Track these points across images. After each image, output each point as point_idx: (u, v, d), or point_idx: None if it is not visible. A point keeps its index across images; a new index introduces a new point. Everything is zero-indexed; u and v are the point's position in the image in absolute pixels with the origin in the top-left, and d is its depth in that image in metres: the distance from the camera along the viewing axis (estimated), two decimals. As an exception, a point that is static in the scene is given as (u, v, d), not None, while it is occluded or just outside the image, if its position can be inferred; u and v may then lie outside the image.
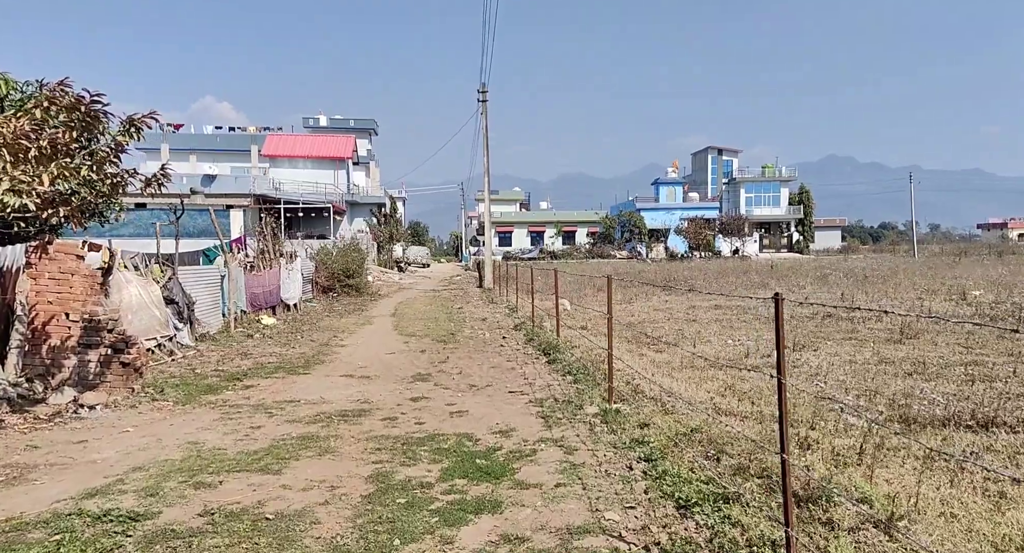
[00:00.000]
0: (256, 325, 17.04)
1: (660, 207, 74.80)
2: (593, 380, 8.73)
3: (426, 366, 11.03)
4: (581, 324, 15.18)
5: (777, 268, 39.66)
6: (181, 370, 10.67)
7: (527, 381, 9.35)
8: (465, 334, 15.29)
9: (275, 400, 8.46)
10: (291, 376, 10.21)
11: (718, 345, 12.33)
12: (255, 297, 18.25)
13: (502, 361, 11.23)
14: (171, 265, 13.50)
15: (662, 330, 14.79)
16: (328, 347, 13.46)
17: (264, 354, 12.46)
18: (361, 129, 66.27)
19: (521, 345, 12.96)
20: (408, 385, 9.43)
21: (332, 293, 27.08)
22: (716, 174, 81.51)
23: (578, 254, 70.83)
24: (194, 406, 8.20)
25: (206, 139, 56.98)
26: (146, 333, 11.70)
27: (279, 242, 21.65)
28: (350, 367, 11.04)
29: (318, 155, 51.15)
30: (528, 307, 19.89)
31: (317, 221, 47.14)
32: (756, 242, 73.87)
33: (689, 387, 8.35)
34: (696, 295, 23.87)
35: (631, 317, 17.70)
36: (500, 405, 8.02)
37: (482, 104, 30.13)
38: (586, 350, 11.11)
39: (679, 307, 20.57)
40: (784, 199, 75.98)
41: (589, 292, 26.45)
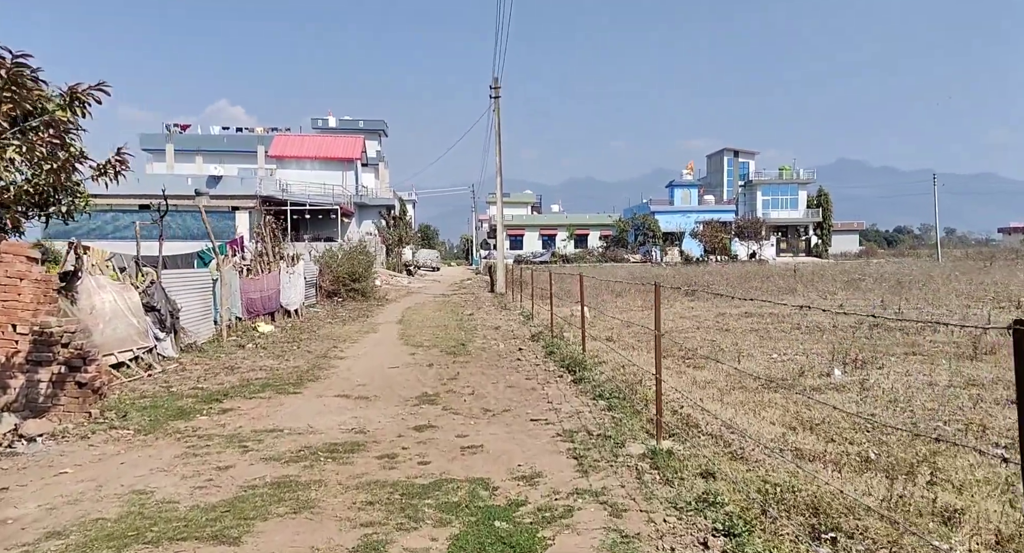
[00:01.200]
0: (251, 334, 15.77)
1: (675, 210, 73.24)
2: (631, 407, 7.36)
3: (434, 384, 9.71)
4: (605, 334, 13.81)
5: (800, 272, 38.11)
6: (155, 387, 9.39)
7: (551, 406, 7.99)
8: (477, 344, 13.96)
9: (254, 429, 7.15)
10: (278, 396, 8.90)
11: (763, 360, 10.93)
12: (252, 303, 17.02)
13: (520, 379, 9.88)
14: (153, 268, 12.25)
15: (694, 341, 13.40)
16: (326, 360, 12.16)
17: (253, 368, 11.17)
18: (370, 130, 65.21)
19: (540, 359, 11.60)
20: (412, 409, 8.11)
21: (337, 298, 25.83)
22: (732, 176, 79.76)
23: (591, 258, 69.40)
24: (157, 436, 6.90)
25: (213, 140, 56.05)
26: (121, 344, 10.45)
27: (279, 244, 20.42)
28: (347, 385, 9.73)
29: (326, 156, 50.05)
30: (545, 314, 18.53)
31: (324, 223, 46.02)
32: (773, 246, 72.15)
33: (746, 415, 6.98)
34: (723, 301, 22.46)
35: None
36: (521, 438, 6.67)
37: (494, 100, 28.83)
38: (617, 367, 9.74)
39: (706, 314, 19.15)
40: (802, 202, 74.22)
41: (608, 298, 25.06)
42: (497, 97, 28.81)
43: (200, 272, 14.70)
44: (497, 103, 28.79)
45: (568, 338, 12.89)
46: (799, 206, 74.31)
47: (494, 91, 28.77)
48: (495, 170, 29.07)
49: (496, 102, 28.78)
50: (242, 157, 52.86)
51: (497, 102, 28.78)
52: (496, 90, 28.75)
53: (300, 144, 51.29)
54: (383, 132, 68.12)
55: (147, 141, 55.12)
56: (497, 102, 28.78)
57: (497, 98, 28.79)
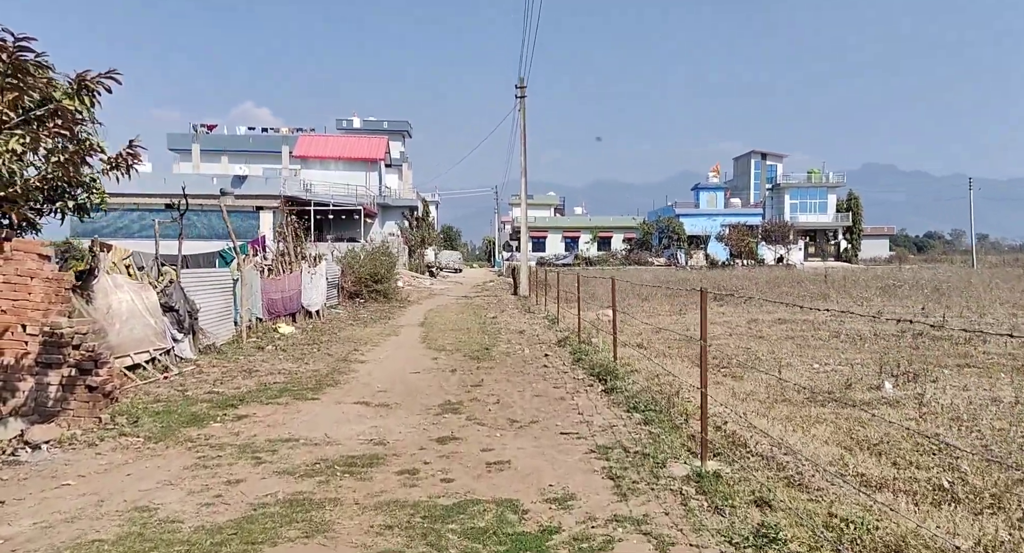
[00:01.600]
0: (271, 335, 15.50)
1: (700, 213, 72.21)
2: (670, 421, 6.86)
3: (457, 391, 9.28)
4: (635, 340, 13.30)
5: (831, 277, 37.12)
6: (170, 391, 9.08)
7: (582, 417, 7.51)
8: (501, 349, 13.52)
9: (268, 438, 6.78)
10: (296, 402, 8.54)
11: (803, 370, 10.35)
12: (272, 303, 16.76)
13: (548, 387, 9.42)
14: (172, 267, 12.00)
15: (728, 348, 12.84)
16: (346, 363, 11.80)
17: (272, 371, 10.84)
18: (394, 131, 65.20)
19: (568, 366, 11.12)
20: (434, 418, 7.69)
21: (359, 299, 25.58)
22: (759, 179, 78.48)
23: (614, 261, 68.65)
24: (168, 444, 6.55)
25: (238, 140, 56.36)
26: (137, 345, 10.18)
27: (302, 244, 20.18)
28: (367, 390, 9.35)
29: (350, 156, 50.02)
30: (570, 318, 18.04)
31: (347, 223, 45.95)
32: (801, 250, 70.79)
33: (795, 432, 6.44)
34: (754, 306, 21.79)
35: (687, 330, 15.75)
36: (552, 453, 6.21)
37: (520, 101, 28.41)
38: (651, 376, 9.23)
39: (737, 320, 18.53)
40: (831, 206, 72.77)
41: (634, 301, 24.48)
42: (523, 97, 28.39)
43: (220, 272, 14.46)
44: (522, 103, 28.37)
45: (597, 344, 12.39)
46: (828, 210, 72.86)
47: (519, 91, 28.35)
48: (519, 171, 28.66)
49: (521, 102, 28.36)
50: (267, 157, 53.06)
51: (522, 102, 28.36)
52: (522, 90, 28.33)
53: (324, 144, 51.33)
54: (407, 133, 68.09)
55: (174, 141, 55.59)
56: (522, 102, 28.36)
57: (523, 98, 28.37)
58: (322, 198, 44.31)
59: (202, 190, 44.47)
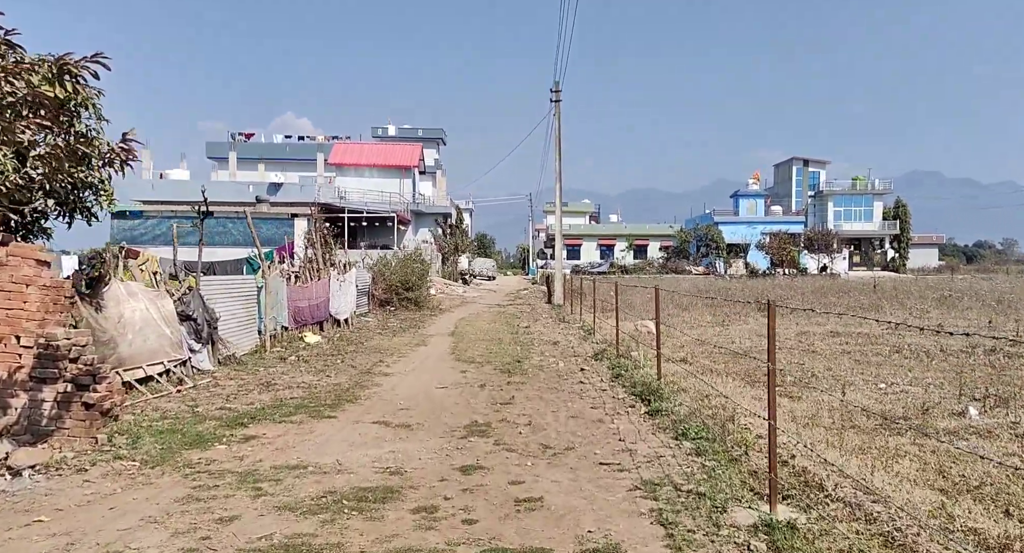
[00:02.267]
0: (296, 344, 14.98)
1: (740, 221, 70.44)
2: (725, 452, 5.99)
3: (485, 409, 8.53)
4: (677, 354, 12.38)
5: (881, 288, 35.44)
6: (180, 406, 8.52)
7: (624, 445, 6.68)
8: (534, 362, 12.73)
9: (274, 464, 6.11)
10: (310, 421, 7.87)
11: (868, 390, 9.35)
12: (299, 311, 16.26)
13: (584, 407, 8.60)
14: (191, 274, 11.52)
15: (779, 363, 11.85)
16: (369, 376, 11.14)
17: (290, 385, 10.24)
18: (429, 138, 65.09)
19: (606, 382, 10.28)
20: (459, 442, 6.94)
21: (389, 307, 25.07)
22: (801, 187, 76.30)
23: (650, 269, 67.28)
24: (165, 470, 5.93)
25: (275, 148, 56.80)
26: (151, 357, 9.67)
27: (331, 251, 19.71)
28: (388, 408, 8.65)
29: (384, 164, 49.90)
30: (606, 329, 17.17)
31: (381, 231, 45.73)
32: (845, 259, 68.44)
33: (873, 467, 5.52)
34: (801, 317, 20.61)
35: (732, 343, 14.77)
36: (590, 490, 5.40)
37: (555, 105, 27.68)
38: (699, 397, 8.34)
39: (786, 332, 17.41)
40: (877, 213, 70.30)
41: (673, 311, 23.45)
42: (558, 101, 27.66)
43: (243, 279, 13.98)
44: (558, 107, 27.64)
45: (636, 358, 11.51)
46: (874, 218, 70.39)
47: (554, 95, 27.63)
48: (553, 177, 27.90)
49: (556, 106, 27.63)
50: (303, 165, 53.27)
51: (557, 106, 27.63)
52: (556, 94, 27.61)
53: (359, 152, 51.32)
54: (441, 141, 67.94)
55: (212, 149, 56.26)
56: (557, 106, 27.63)
57: (557, 102, 27.63)
58: (356, 205, 44.17)
59: (239, 198, 44.78)
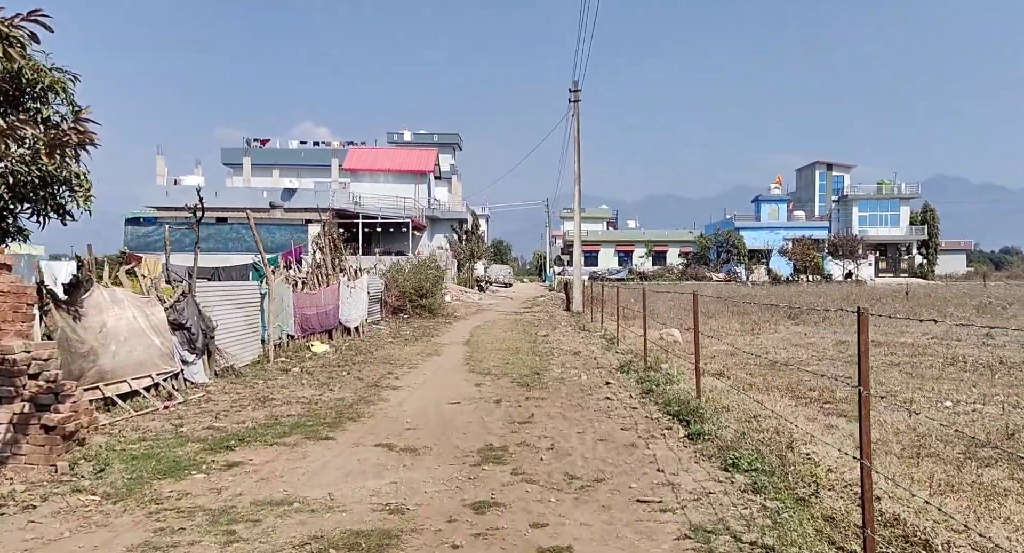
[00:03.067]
0: (302, 354, 14.18)
1: (761, 226, 69.00)
2: (789, 489, 5.02)
3: (501, 430, 7.62)
4: (710, 366, 11.37)
5: (913, 294, 34.08)
6: (164, 425, 7.70)
7: (664, 477, 5.74)
8: (554, 374, 11.80)
9: (256, 500, 5.24)
10: (305, 444, 7.01)
11: (932, 409, 8.32)
12: (306, 319, 15.48)
13: (613, 428, 7.65)
14: (185, 280, 10.75)
15: (823, 377, 10.82)
16: (376, 390, 10.28)
17: (289, 400, 9.40)
18: (445, 143, 64.50)
19: (636, 399, 9.32)
20: (471, 470, 6.04)
21: (403, 314, 24.26)
22: (824, 191, 74.68)
23: (670, 275, 66.04)
24: (128, 506, 5.08)
25: (290, 154, 56.44)
26: (137, 369, 8.88)
27: (341, 256, 18.93)
28: (394, 427, 7.77)
29: (399, 169, 49.30)
30: (631, 338, 16.20)
31: (396, 237, 45.08)
32: (871, 265, 66.74)
33: (970, 509, 4.54)
34: (836, 325, 19.49)
35: (767, 354, 13.74)
36: (628, 537, 4.47)
37: (574, 105, 26.81)
38: (746, 417, 7.35)
39: (821, 341, 16.35)
40: (904, 218, 68.51)
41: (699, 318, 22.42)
42: (577, 101, 26.79)
43: (245, 285, 13.21)
44: (577, 108, 26.76)
45: (668, 371, 10.53)
46: (900, 223, 68.61)
47: (574, 94, 26.77)
48: (571, 181, 27.00)
49: (576, 107, 26.75)
50: (318, 171, 52.80)
51: (577, 107, 26.75)
52: (576, 94, 26.74)
53: (374, 157, 50.77)
54: (457, 146, 67.35)
55: (227, 156, 56.01)
56: (577, 107, 26.75)
57: (577, 102, 26.76)
58: (371, 211, 43.58)
59: (253, 204, 44.32)
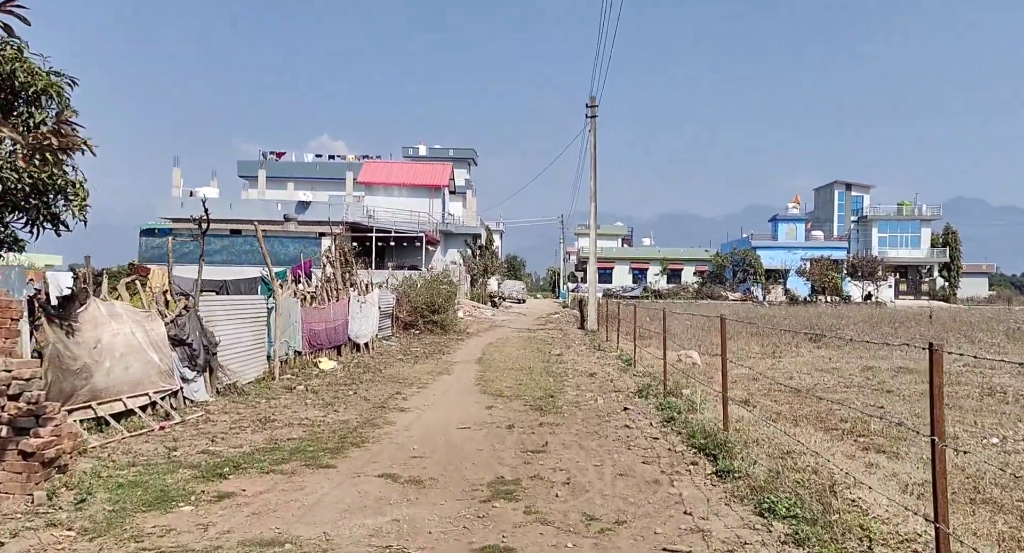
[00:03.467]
0: (309, 371, 13.77)
1: (779, 245, 68.18)
2: (835, 542, 4.48)
3: (513, 459, 7.12)
4: (733, 391, 10.81)
5: (938, 318, 33.19)
6: (157, 448, 7.28)
7: (692, 522, 5.21)
8: (569, 397, 11.29)
9: (244, 539, 4.78)
10: (303, 472, 6.55)
11: (977, 445, 7.74)
12: (315, 335, 15.09)
13: (634, 460, 7.13)
14: (188, 294, 10.39)
15: (853, 405, 10.24)
16: (383, 411, 9.82)
17: (291, 422, 8.96)
18: (460, 158, 64.44)
19: (656, 427, 8.78)
20: (480, 507, 5.55)
21: (414, 330, 23.86)
22: (844, 211, 73.79)
23: (685, 294, 65.27)
24: (104, 544, 4.64)
25: (305, 167, 56.56)
26: (134, 387, 8.49)
27: (352, 269, 18.58)
28: (399, 455, 7.30)
29: (414, 183, 49.17)
30: (648, 359, 15.66)
31: (409, 251, 44.83)
32: (891, 287, 65.61)
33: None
34: (862, 349, 18.82)
35: (790, 380, 13.16)
36: (655, 596, 3.96)
37: (591, 120, 26.46)
38: (779, 453, 6.81)
39: (846, 366, 15.73)
40: (925, 240, 67.44)
41: (716, 339, 21.83)
42: (594, 117, 26.44)
43: (251, 299, 12.84)
44: (593, 123, 26.40)
45: (690, 398, 9.99)
46: (921, 245, 67.53)
47: (590, 110, 26.43)
48: (587, 197, 26.59)
49: (593, 122, 26.40)
50: (333, 184, 52.83)
51: (594, 122, 26.40)
52: (593, 109, 26.40)
53: (389, 171, 50.72)
54: (472, 161, 67.28)
55: (244, 168, 56.22)
56: (594, 122, 26.40)
57: (594, 118, 26.41)
58: (385, 224, 43.38)
59: (267, 216, 44.31)
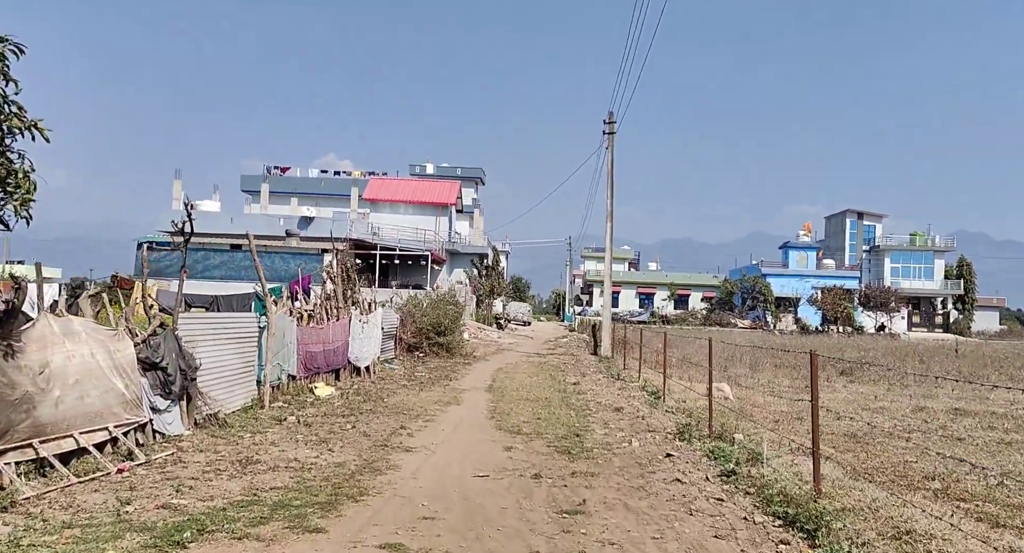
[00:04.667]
0: (303, 398, 12.40)
1: (790, 273, 66.86)
2: None
3: (547, 526, 5.73)
4: (788, 435, 9.40)
5: (965, 353, 31.70)
6: (107, 500, 5.90)
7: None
8: (597, 437, 9.89)
9: None
10: (287, 537, 5.15)
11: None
12: (311, 357, 13.74)
13: (703, 533, 5.70)
14: (166, 311, 9.07)
15: (927, 455, 8.85)
16: (385, 451, 8.43)
17: (277, 464, 7.57)
18: (468, 177, 63.49)
19: (715, 483, 7.34)
20: (516, 604, 4.16)
21: (418, 352, 22.46)
22: (855, 240, 72.58)
23: (694, 320, 63.84)
24: None
25: (310, 183, 55.57)
26: (91, 421, 7.13)
27: (354, 287, 17.27)
28: (404, 513, 5.91)
29: (420, 200, 48.08)
30: (678, 392, 14.26)
31: (414, 270, 43.57)
32: (904, 319, 64.11)
33: None
34: (913, 387, 17.40)
35: (838, 419, 11.74)
36: None
37: (608, 137, 25.31)
38: (892, 528, 5.41)
39: (896, 406, 14.32)
40: (938, 272, 66.10)
41: (741, 369, 20.43)
42: (612, 134, 25.30)
43: (240, 317, 11.52)
44: (611, 140, 25.25)
45: (745, 445, 8.56)
46: (935, 276, 66.17)
47: (608, 126, 25.30)
48: (603, 216, 25.36)
49: (610, 139, 25.25)
50: (337, 201, 51.75)
51: (611, 139, 25.25)
52: (611, 125, 25.26)
53: (395, 188, 49.65)
54: (480, 180, 66.35)
55: (247, 183, 55.23)
56: (611, 139, 25.25)
57: (612, 134, 25.27)
58: (390, 242, 42.17)
59: (269, 231, 43.08)
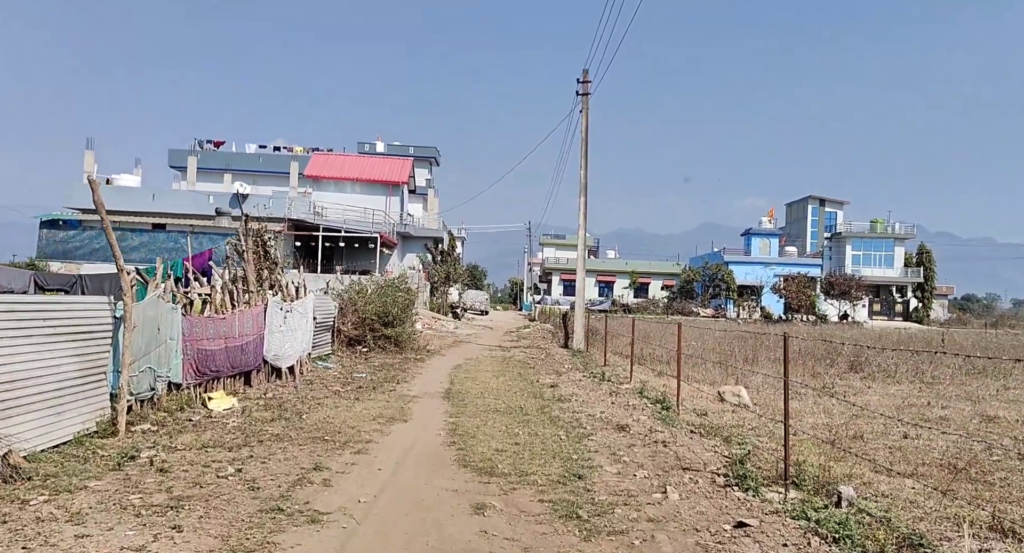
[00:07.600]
0: (188, 414, 8.85)
1: (753, 261, 65.21)
2: None
3: None
4: (847, 459, 6.38)
5: (951, 343, 29.81)
6: None
7: None
8: (608, 480, 6.70)
9: None
10: None
11: None
12: (206, 357, 10.17)
13: None
14: None
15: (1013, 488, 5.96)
16: (276, 524, 5.03)
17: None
18: (421, 157, 59.58)
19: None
20: None
21: (361, 347, 18.96)
22: (817, 227, 71.51)
23: (655, 309, 61.60)
24: None
25: (246, 158, 50.78)
26: None
27: (272, 267, 13.65)
28: None
29: (369, 178, 44.13)
30: (688, 397, 11.20)
31: (362, 253, 39.73)
32: (865, 307, 63.21)
33: None
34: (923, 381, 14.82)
35: (905, 438, 8.90)
36: None
37: (582, 99, 22.11)
38: None
39: (950, 412, 11.58)
40: (899, 259, 65.46)
41: (736, 363, 17.56)
42: (586, 95, 22.09)
43: (75, 302, 7.83)
44: (585, 101, 22.03)
45: (863, 503, 5.46)
46: (895, 264, 65.52)
47: (582, 86, 22.07)
48: (579, 188, 22.17)
49: (584, 100, 22.04)
50: (277, 179, 47.21)
51: (586, 100, 22.03)
52: (585, 85, 22.04)
53: (341, 164, 45.54)
54: (435, 160, 62.48)
55: (175, 158, 50.09)
56: (586, 100, 22.03)
57: (586, 95, 22.06)
58: (334, 223, 38.23)
59: (196, 210, 38.48)
